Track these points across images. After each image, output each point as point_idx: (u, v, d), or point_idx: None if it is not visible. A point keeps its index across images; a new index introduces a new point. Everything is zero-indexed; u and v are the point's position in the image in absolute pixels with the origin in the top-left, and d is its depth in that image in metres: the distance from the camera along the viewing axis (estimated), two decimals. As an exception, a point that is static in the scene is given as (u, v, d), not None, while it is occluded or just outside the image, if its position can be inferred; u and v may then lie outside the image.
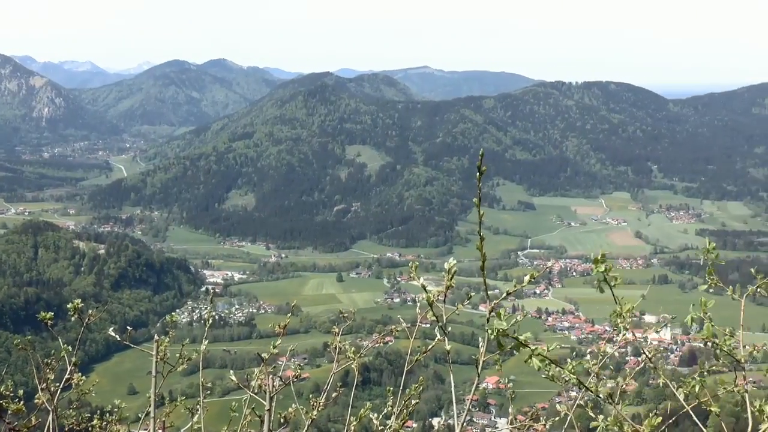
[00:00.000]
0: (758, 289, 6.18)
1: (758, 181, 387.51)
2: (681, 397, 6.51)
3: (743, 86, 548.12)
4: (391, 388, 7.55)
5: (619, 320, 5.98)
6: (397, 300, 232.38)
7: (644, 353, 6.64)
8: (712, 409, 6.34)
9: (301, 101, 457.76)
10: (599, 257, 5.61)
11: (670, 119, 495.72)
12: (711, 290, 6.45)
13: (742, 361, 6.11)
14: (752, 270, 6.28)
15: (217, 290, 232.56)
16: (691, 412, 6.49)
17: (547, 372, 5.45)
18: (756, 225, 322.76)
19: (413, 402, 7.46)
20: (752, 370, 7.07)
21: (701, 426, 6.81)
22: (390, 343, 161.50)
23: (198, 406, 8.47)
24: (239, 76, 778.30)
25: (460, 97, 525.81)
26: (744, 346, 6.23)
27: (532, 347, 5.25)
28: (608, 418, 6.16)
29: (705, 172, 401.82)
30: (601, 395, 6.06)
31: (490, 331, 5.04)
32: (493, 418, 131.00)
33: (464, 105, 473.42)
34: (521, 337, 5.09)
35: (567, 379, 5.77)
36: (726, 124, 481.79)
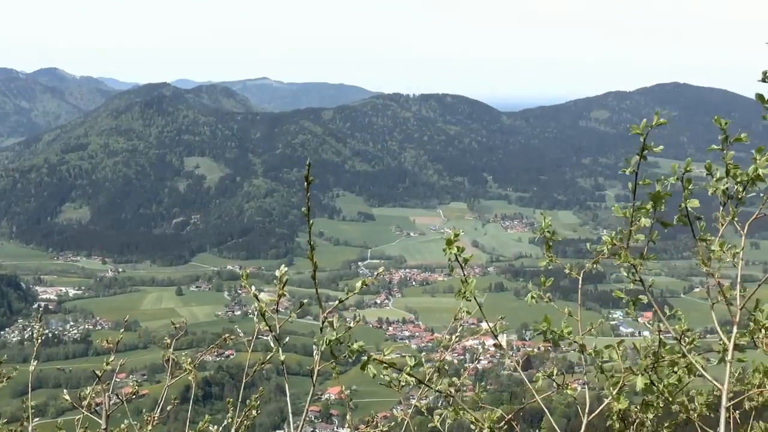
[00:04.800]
0: (595, 265, 6.50)
1: (586, 190, 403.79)
2: (537, 384, 6.73)
3: (570, 100, 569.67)
4: (231, 400, 7.51)
5: (462, 302, 6.15)
6: (238, 313, 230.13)
7: (496, 336, 6.86)
8: (569, 391, 6.59)
9: (138, 112, 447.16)
10: (452, 237, 5.79)
11: (504, 131, 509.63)
12: (550, 266, 6.74)
13: (581, 342, 6.38)
14: (588, 245, 6.61)
15: (49, 306, 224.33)
16: (542, 404, 6.72)
17: (383, 378, 5.57)
18: (584, 233, 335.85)
19: (253, 414, 7.44)
20: (582, 371, 7.37)
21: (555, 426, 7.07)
22: (231, 357, 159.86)
23: (22, 429, 8.18)
24: (72, 85, 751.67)
25: (300, 109, 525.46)
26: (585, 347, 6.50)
27: (368, 354, 5.35)
28: (449, 409, 6.31)
29: (537, 182, 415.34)
30: (441, 391, 6.20)
31: (320, 342, 5.11)
32: (335, 429, 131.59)
33: (303, 116, 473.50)
34: (354, 346, 5.18)
35: (404, 384, 5.89)
36: (556, 136, 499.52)
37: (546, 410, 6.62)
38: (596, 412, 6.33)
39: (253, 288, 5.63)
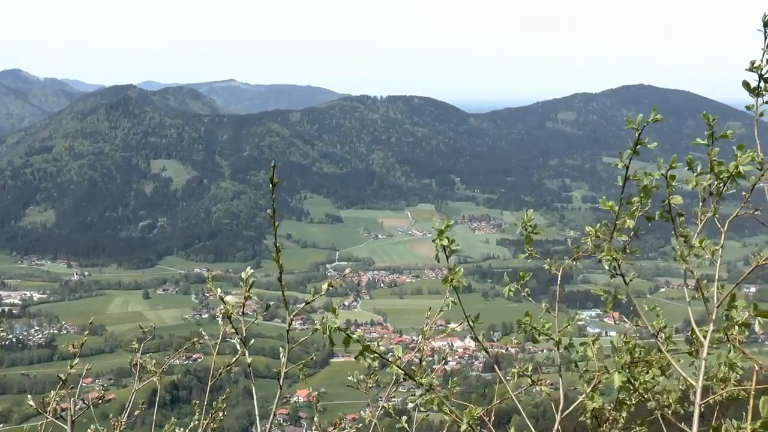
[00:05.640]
0: (574, 262, 6.54)
1: (553, 192, 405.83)
2: (514, 380, 6.73)
3: (537, 101, 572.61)
4: (198, 403, 7.45)
5: (449, 285, 6.12)
6: (206, 316, 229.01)
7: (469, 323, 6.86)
8: (544, 389, 6.60)
9: (104, 114, 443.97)
10: (443, 227, 5.78)
11: (471, 133, 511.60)
12: (529, 260, 6.75)
13: (557, 340, 6.41)
14: (569, 242, 6.63)
15: (13, 311, 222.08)
16: (517, 402, 6.73)
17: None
18: (551, 234, 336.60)
19: (220, 415, 7.38)
20: (550, 372, 7.40)
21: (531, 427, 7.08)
22: (199, 360, 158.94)
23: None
24: (36, 87, 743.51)
25: (267, 111, 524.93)
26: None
27: (365, 344, 5.37)
28: (423, 397, 6.31)
29: (504, 183, 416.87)
30: (424, 383, 6.19)
31: (323, 329, 5.10)
32: (304, 431, 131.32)
33: (271, 118, 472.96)
34: (354, 335, 5.19)
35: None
36: (522, 138, 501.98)
37: (521, 409, 6.63)
38: (569, 410, 6.34)
39: (219, 290, 5.58)
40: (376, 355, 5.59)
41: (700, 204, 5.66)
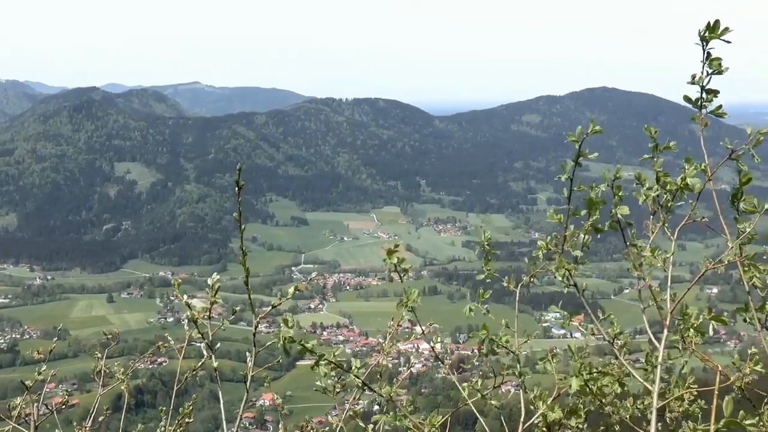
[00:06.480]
0: (532, 279, 6.58)
1: (518, 194, 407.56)
2: (466, 393, 6.76)
3: (502, 104, 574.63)
4: (164, 408, 7.41)
5: (404, 311, 6.18)
6: (171, 319, 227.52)
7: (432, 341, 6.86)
8: (493, 402, 6.65)
9: (66, 117, 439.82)
10: (392, 248, 5.83)
11: (437, 135, 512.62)
12: (488, 280, 6.78)
13: (516, 351, 6.44)
14: (526, 260, 6.66)
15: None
16: (473, 407, 6.77)
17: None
18: (517, 236, 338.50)
19: (186, 420, 7.35)
20: (514, 373, 7.43)
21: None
22: (164, 364, 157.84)
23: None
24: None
25: (232, 113, 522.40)
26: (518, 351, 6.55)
27: (320, 353, 5.39)
28: (388, 414, 6.32)
29: (470, 186, 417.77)
30: (383, 395, 6.21)
31: (276, 340, 5.09)
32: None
33: (236, 121, 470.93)
34: (309, 344, 5.19)
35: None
36: (488, 140, 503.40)
37: (477, 414, 6.66)
38: (531, 421, 6.38)
39: (185, 296, 5.57)
40: (333, 364, 5.61)
41: (651, 217, 5.73)
